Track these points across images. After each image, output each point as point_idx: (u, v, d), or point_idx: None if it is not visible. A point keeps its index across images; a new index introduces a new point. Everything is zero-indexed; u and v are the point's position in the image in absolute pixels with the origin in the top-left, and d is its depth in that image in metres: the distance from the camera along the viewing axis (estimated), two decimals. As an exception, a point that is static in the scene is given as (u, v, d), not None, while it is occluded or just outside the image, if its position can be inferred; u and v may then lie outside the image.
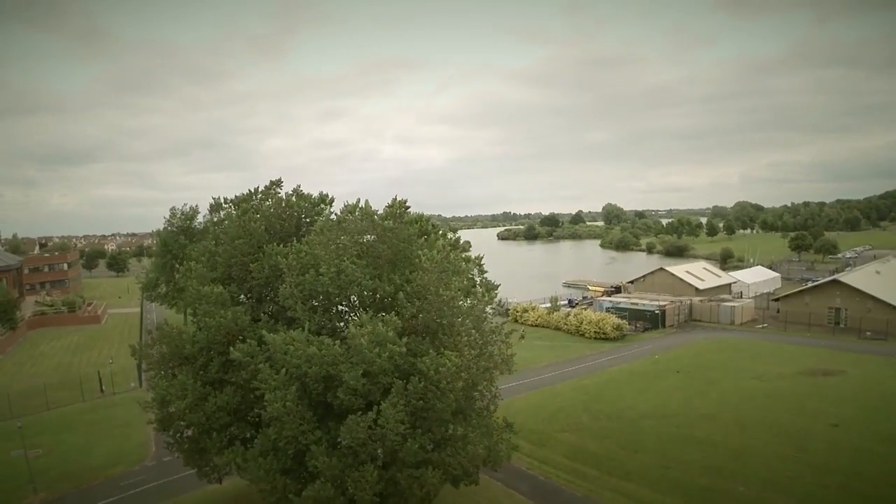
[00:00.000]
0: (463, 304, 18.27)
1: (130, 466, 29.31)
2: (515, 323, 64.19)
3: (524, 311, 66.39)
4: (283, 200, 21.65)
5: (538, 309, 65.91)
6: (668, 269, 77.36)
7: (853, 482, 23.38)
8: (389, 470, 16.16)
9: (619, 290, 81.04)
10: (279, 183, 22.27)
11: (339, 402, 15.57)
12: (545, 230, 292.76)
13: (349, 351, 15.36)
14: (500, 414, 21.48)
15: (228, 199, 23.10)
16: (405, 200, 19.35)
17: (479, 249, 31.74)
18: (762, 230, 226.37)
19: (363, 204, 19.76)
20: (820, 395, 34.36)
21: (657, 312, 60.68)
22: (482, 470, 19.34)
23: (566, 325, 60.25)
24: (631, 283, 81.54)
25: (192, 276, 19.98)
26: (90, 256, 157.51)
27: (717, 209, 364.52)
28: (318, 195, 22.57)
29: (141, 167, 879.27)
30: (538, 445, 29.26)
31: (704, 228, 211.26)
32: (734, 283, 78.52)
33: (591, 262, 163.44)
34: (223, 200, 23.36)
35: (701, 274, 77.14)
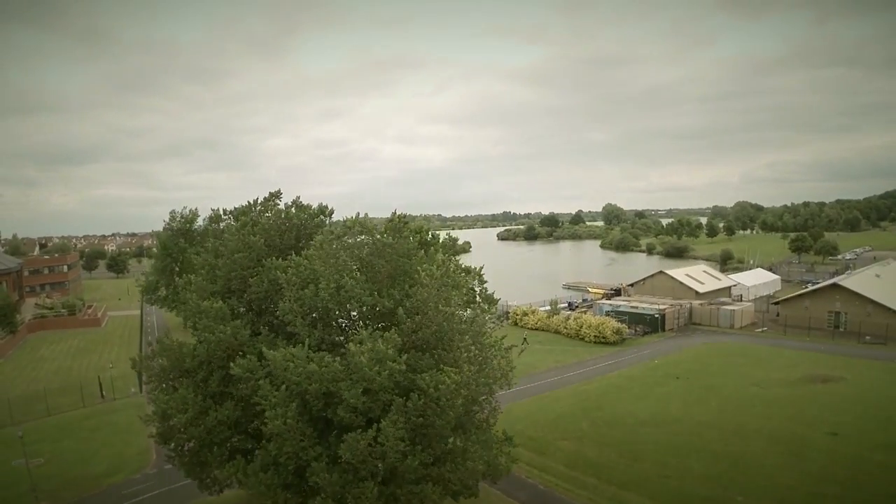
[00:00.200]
0: (462, 316, 18.31)
1: (132, 474, 29.38)
2: (515, 326, 64.30)
3: (524, 314, 66.40)
4: (282, 212, 21.78)
5: (538, 312, 65.94)
6: (667, 272, 77.36)
7: (850, 492, 23.52)
8: (389, 486, 16.23)
9: (619, 292, 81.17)
10: (278, 194, 22.42)
11: (339, 418, 15.64)
12: (545, 230, 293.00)
13: (349, 368, 15.42)
14: (500, 420, 21.50)
15: (228, 210, 23.29)
16: (405, 215, 19.44)
17: (478, 250, 31.91)
18: (762, 231, 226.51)
19: (362, 217, 19.87)
20: (819, 402, 34.47)
21: (657, 316, 60.72)
22: (481, 480, 19.40)
23: (566, 328, 60.31)
24: (631, 286, 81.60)
25: (192, 289, 20.09)
26: (90, 257, 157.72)
27: (717, 209, 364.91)
28: (317, 206, 22.71)
29: (141, 167, 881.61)
30: (538, 453, 29.33)
31: (704, 229, 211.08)
32: (734, 285, 78.56)
33: (591, 263, 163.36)
34: (223, 212, 23.53)
35: (701, 277, 77.21)
